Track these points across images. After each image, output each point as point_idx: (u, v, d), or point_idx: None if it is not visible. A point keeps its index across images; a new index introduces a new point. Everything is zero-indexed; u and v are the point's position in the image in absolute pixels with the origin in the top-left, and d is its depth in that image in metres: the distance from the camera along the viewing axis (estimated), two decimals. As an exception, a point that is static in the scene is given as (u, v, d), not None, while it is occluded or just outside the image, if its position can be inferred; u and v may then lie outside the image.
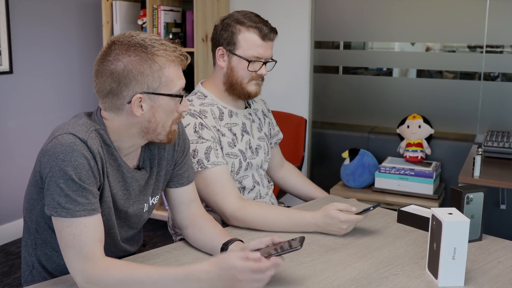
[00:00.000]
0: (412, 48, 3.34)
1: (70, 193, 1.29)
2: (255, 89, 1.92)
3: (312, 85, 3.59)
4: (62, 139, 1.31)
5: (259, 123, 2.06)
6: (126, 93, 1.35)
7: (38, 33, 3.60)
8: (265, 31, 1.85)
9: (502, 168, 2.62)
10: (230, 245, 1.50)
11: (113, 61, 1.34)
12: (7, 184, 3.48)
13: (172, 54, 1.38)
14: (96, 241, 1.31)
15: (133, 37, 1.37)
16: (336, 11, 3.46)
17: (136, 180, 1.49)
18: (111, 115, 1.40)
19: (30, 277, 1.52)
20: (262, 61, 1.87)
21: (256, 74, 1.88)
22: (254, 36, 1.85)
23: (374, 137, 3.47)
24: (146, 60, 1.34)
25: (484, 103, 3.15)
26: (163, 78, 1.36)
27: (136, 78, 1.34)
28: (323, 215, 1.71)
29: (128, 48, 1.34)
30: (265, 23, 1.87)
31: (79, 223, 1.30)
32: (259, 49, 1.85)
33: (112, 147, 1.41)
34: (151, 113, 1.39)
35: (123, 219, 1.52)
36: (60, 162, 1.29)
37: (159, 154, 1.56)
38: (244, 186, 1.95)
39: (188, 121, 1.82)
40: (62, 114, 3.73)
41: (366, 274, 1.46)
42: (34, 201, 1.43)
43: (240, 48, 1.86)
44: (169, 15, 3.48)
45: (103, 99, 1.39)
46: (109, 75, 1.34)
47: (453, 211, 1.40)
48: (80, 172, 1.30)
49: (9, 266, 3.16)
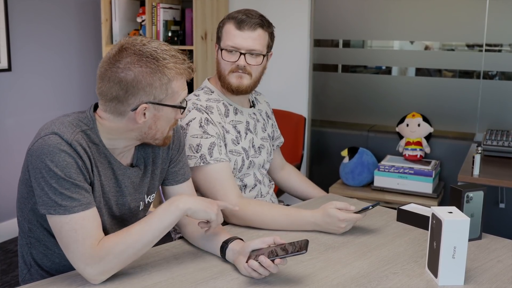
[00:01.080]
0: (411, 47, 3.34)
1: (64, 191, 1.30)
2: (236, 81, 1.88)
3: (312, 83, 3.58)
4: (48, 139, 1.32)
5: (264, 123, 2.06)
6: (132, 102, 1.36)
7: (37, 31, 3.59)
8: (240, 19, 1.83)
9: (501, 167, 2.62)
10: (230, 244, 1.50)
11: (124, 69, 1.33)
12: (5, 182, 3.47)
13: (181, 67, 1.39)
14: (96, 229, 1.34)
15: (145, 46, 1.36)
16: (336, 9, 3.46)
17: (128, 177, 1.49)
18: (110, 117, 1.40)
19: (28, 276, 1.52)
20: (240, 51, 1.84)
21: (234, 65, 1.86)
22: (231, 26, 1.85)
23: (374, 136, 3.47)
24: (156, 73, 1.34)
25: (484, 101, 3.15)
26: (169, 90, 1.38)
27: (144, 89, 1.35)
28: (322, 214, 1.71)
29: (140, 58, 1.34)
30: (247, 14, 1.84)
31: (78, 218, 1.31)
32: (235, 38, 1.84)
33: (101, 145, 1.41)
34: (153, 121, 1.40)
35: (118, 218, 1.51)
36: (48, 163, 1.30)
37: (153, 152, 1.56)
38: (246, 184, 1.95)
39: (194, 116, 1.82)
40: (60, 112, 3.71)
41: (366, 273, 1.45)
42: (24, 200, 1.44)
43: (222, 40, 1.87)
44: (168, 13, 3.47)
45: (106, 102, 1.38)
46: (117, 82, 1.34)
47: (453, 210, 1.40)
48: (70, 171, 1.31)
49: (7, 264, 3.16)
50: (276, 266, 1.36)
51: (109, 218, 1.48)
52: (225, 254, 1.49)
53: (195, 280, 1.40)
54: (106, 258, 1.31)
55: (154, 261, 1.51)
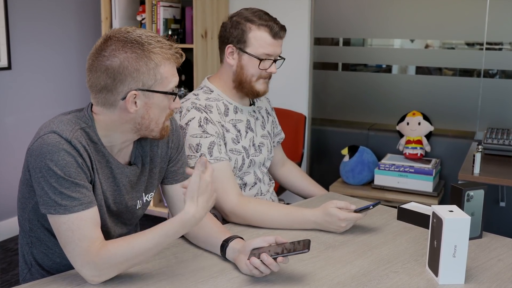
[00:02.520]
0: (412, 45, 3.33)
1: (64, 190, 1.30)
2: (264, 87, 1.91)
3: (312, 81, 3.58)
4: (48, 138, 1.31)
5: (263, 120, 2.06)
6: (120, 90, 1.34)
7: (37, 29, 3.59)
8: (275, 29, 1.84)
9: (501, 165, 2.62)
10: (230, 242, 1.49)
11: (109, 57, 1.33)
12: (5, 180, 3.47)
13: (168, 52, 1.37)
14: (94, 231, 1.33)
15: (130, 33, 1.36)
16: (336, 7, 3.45)
17: (126, 175, 1.48)
18: (103, 111, 1.39)
19: (29, 275, 1.52)
20: (272, 59, 1.87)
21: (266, 72, 1.88)
22: (265, 35, 1.84)
23: (374, 134, 3.47)
24: (142, 57, 1.33)
25: (484, 100, 3.15)
26: (158, 76, 1.36)
27: (131, 75, 1.33)
28: (322, 213, 1.71)
29: (125, 44, 1.33)
30: (275, 21, 1.87)
31: (75, 218, 1.30)
32: (270, 47, 1.85)
33: (100, 144, 1.41)
34: (145, 110, 1.38)
35: (115, 215, 1.51)
36: (48, 162, 1.29)
37: (151, 151, 1.55)
38: (246, 182, 1.95)
39: (193, 115, 1.82)
40: (60, 110, 3.69)
41: (366, 272, 1.45)
42: (25, 200, 1.43)
43: (251, 46, 1.85)
44: (168, 11, 3.47)
45: (96, 94, 1.38)
46: (104, 70, 1.33)
47: (454, 209, 1.40)
48: (69, 170, 1.30)
49: (7, 263, 3.16)
50: (278, 264, 1.35)
51: (106, 215, 1.47)
52: (225, 253, 1.49)
53: (195, 279, 1.40)
54: (102, 265, 1.30)
55: (154, 260, 1.51)
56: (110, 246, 1.32)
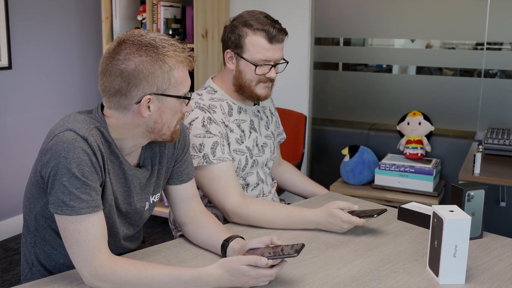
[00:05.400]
0: (412, 45, 3.33)
1: (74, 191, 1.29)
2: (264, 92, 1.89)
3: (312, 81, 3.58)
4: (63, 136, 1.31)
5: (267, 121, 2.06)
6: (135, 93, 1.34)
7: (38, 29, 3.59)
8: (272, 33, 1.80)
9: (502, 165, 2.62)
10: (231, 242, 1.50)
11: (124, 61, 1.32)
12: (6, 180, 3.47)
13: (181, 55, 1.37)
14: (101, 237, 1.32)
15: (143, 36, 1.35)
16: (336, 7, 3.45)
17: (137, 178, 1.48)
18: (115, 114, 1.39)
19: (30, 274, 1.51)
20: (270, 64, 1.84)
21: (265, 77, 1.86)
22: (261, 40, 1.81)
23: (374, 134, 3.46)
24: (157, 61, 1.33)
25: (485, 100, 3.15)
26: (172, 80, 1.36)
27: (146, 79, 1.33)
28: (324, 214, 1.71)
29: (139, 48, 1.33)
30: (273, 24, 1.82)
31: (83, 220, 1.30)
32: (267, 52, 1.81)
33: (113, 144, 1.40)
34: (158, 114, 1.38)
35: (124, 216, 1.51)
36: (62, 160, 1.29)
37: (160, 152, 1.55)
38: (248, 183, 1.95)
39: (196, 115, 1.81)
40: (61, 110, 3.71)
41: (367, 272, 1.45)
42: (34, 200, 1.43)
43: (247, 52, 1.82)
44: (169, 10, 3.46)
45: (110, 98, 1.37)
46: (118, 74, 1.33)
47: (454, 209, 1.40)
48: (83, 168, 1.30)
49: (8, 262, 3.16)
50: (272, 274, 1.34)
51: (116, 215, 1.47)
52: (226, 252, 1.49)
53: (196, 279, 1.40)
54: (104, 279, 1.29)
55: (155, 260, 1.51)
56: (118, 267, 1.30)
